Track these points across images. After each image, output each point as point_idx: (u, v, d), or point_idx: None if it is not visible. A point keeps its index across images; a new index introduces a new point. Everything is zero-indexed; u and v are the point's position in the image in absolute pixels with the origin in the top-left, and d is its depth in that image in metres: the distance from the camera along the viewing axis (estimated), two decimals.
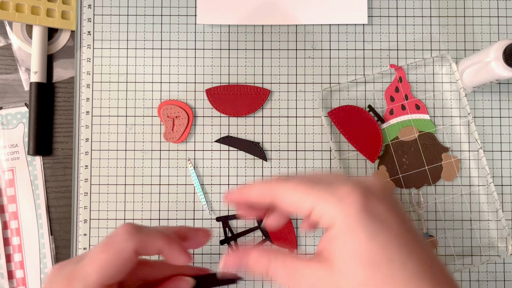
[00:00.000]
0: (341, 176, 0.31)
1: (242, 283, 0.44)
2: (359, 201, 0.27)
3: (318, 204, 0.28)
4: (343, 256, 0.27)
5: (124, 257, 0.30)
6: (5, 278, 0.45)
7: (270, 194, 0.30)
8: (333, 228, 0.27)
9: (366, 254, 0.26)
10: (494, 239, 0.45)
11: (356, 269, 0.26)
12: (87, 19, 0.46)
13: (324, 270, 0.28)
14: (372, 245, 0.26)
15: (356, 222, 0.27)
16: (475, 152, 0.45)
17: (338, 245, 0.27)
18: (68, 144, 0.46)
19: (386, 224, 0.27)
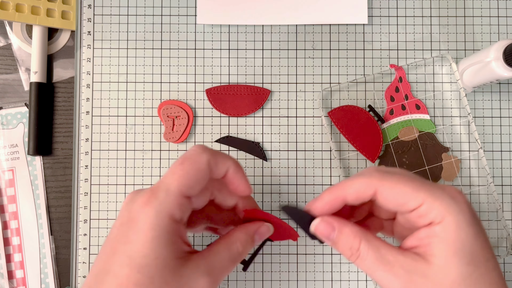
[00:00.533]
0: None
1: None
2: (467, 202, 0.29)
3: (428, 200, 0.29)
4: (449, 252, 0.28)
5: (200, 167, 0.31)
6: (5, 278, 0.45)
7: (373, 189, 0.30)
8: (439, 225, 0.28)
9: (470, 251, 0.28)
10: (494, 239, 0.45)
11: (460, 265, 0.28)
12: (87, 19, 0.46)
13: (422, 261, 0.29)
14: (475, 244, 0.28)
15: (466, 221, 0.28)
16: (475, 152, 0.45)
17: (444, 240, 0.28)
18: (68, 144, 0.46)
19: (482, 227, 0.30)
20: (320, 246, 0.44)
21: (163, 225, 0.30)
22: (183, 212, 0.30)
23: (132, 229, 0.30)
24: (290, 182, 0.45)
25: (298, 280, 0.44)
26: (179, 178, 0.30)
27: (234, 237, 0.33)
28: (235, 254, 0.32)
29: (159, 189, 0.30)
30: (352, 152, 0.45)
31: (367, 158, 0.45)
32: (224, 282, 0.44)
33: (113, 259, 0.30)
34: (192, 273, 0.30)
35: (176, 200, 0.30)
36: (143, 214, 0.30)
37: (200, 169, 0.31)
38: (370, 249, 0.30)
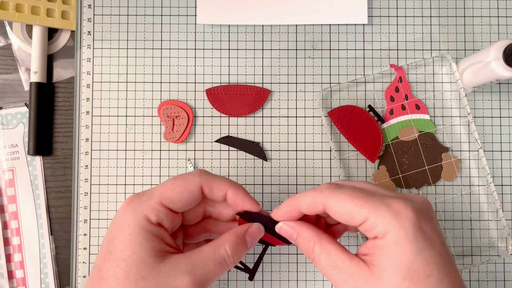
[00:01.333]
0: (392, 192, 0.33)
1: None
2: (412, 218, 0.30)
3: (372, 216, 0.30)
4: (387, 265, 0.30)
5: (188, 188, 0.33)
6: (5, 278, 0.45)
7: (322, 203, 0.32)
8: (383, 238, 0.30)
9: (408, 267, 0.29)
10: (494, 239, 0.45)
11: (396, 279, 0.29)
12: (87, 19, 0.46)
13: (366, 271, 0.30)
14: (416, 259, 0.29)
15: (407, 237, 0.29)
16: (475, 152, 0.45)
17: (384, 254, 0.30)
18: (68, 144, 0.46)
19: (431, 242, 0.30)
20: None
21: (140, 224, 0.32)
22: (159, 218, 0.32)
23: (114, 227, 0.32)
24: (290, 182, 0.45)
25: (298, 280, 0.44)
26: (164, 190, 0.33)
27: (223, 240, 0.34)
28: (222, 257, 0.33)
29: (145, 193, 0.33)
30: (352, 152, 0.45)
31: (367, 158, 0.45)
32: (224, 282, 0.44)
33: (100, 256, 0.32)
34: (171, 270, 0.31)
35: (154, 206, 0.32)
36: (123, 214, 0.32)
37: (188, 190, 0.33)
38: (322, 252, 0.32)
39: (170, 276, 0.31)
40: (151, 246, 0.31)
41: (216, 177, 0.34)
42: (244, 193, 0.35)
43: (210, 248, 0.33)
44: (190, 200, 0.33)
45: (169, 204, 0.33)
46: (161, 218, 0.32)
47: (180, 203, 0.33)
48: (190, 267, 0.32)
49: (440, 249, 0.30)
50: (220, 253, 0.33)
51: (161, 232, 0.32)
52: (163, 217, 0.32)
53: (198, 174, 0.34)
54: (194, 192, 0.33)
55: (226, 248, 0.33)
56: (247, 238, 0.34)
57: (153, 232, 0.32)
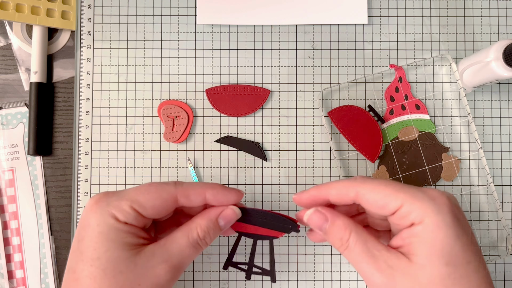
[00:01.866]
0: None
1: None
2: (449, 203, 0.30)
3: (408, 202, 0.30)
4: (428, 250, 0.29)
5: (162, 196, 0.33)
6: (5, 278, 0.45)
7: (355, 191, 0.32)
8: (420, 224, 0.29)
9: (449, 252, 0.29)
10: (494, 239, 0.45)
11: (439, 265, 0.29)
12: (87, 19, 0.46)
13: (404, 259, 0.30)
14: (455, 245, 0.29)
15: (445, 222, 0.29)
16: (475, 152, 0.45)
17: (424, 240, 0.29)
18: (68, 144, 0.46)
19: (466, 230, 0.30)
20: (320, 245, 0.44)
21: (108, 222, 0.31)
22: (127, 219, 0.32)
23: (82, 226, 0.32)
24: (290, 182, 0.45)
25: (298, 280, 0.44)
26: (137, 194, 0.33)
27: (194, 223, 0.34)
28: (194, 240, 0.33)
29: (116, 193, 0.33)
30: (352, 152, 0.45)
31: (367, 158, 0.45)
32: (224, 282, 0.44)
33: (71, 257, 0.32)
34: (147, 261, 0.31)
35: (123, 207, 0.32)
36: (91, 213, 0.32)
37: (162, 198, 0.33)
38: (358, 241, 0.31)
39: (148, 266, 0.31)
40: (124, 242, 0.31)
41: (191, 185, 0.34)
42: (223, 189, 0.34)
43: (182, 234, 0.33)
44: (162, 208, 0.33)
45: (139, 209, 0.32)
46: (129, 219, 0.32)
47: (151, 210, 0.33)
48: (166, 255, 0.32)
49: (473, 238, 0.30)
50: (193, 237, 0.33)
51: (131, 228, 0.32)
52: (132, 219, 0.32)
53: (173, 185, 0.33)
54: (168, 201, 0.33)
55: (198, 232, 0.33)
56: (219, 221, 0.34)
57: (123, 229, 0.32)
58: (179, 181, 0.34)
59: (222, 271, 0.44)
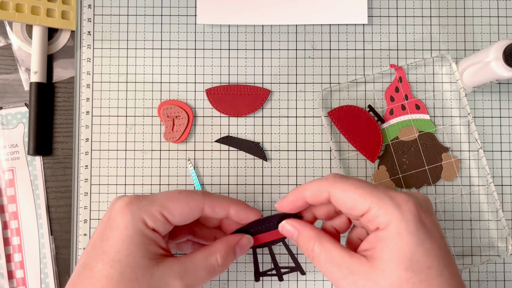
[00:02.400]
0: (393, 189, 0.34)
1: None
2: (414, 210, 0.31)
3: (375, 206, 0.31)
4: (389, 256, 0.30)
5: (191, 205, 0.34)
6: (5, 278, 0.45)
7: (327, 191, 0.33)
8: (384, 230, 0.31)
9: (410, 258, 0.30)
10: (494, 239, 0.45)
11: (398, 269, 0.30)
12: (87, 19, 0.46)
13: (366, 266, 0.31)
14: (417, 251, 0.30)
15: (408, 228, 0.30)
16: (475, 152, 0.45)
17: (387, 245, 0.30)
18: (68, 144, 0.46)
19: (431, 235, 0.31)
20: None
21: (137, 226, 0.32)
22: (156, 225, 0.33)
23: (110, 226, 0.32)
24: (290, 182, 0.45)
25: (298, 280, 0.44)
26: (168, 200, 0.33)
27: (214, 249, 0.35)
28: (212, 265, 0.34)
29: (146, 198, 0.33)
30: (352, 152, 0.45)
31: (367, 158, 0.45)
32: (224, 282, 0.44)
33: (91, 254, 0.32)
34: (164, 274, 0.32)
35: (154, 213, 0.33)
36: (121, 214, 0.32)
37: (190, 207, 0.34)
38: (322, 251, 0.33)
39: (163, 279, 0.32)
40: (147, 249, 0.32)
41: (218, 197, 0.35)
42: (246, 207, 0.36)
43: (202, 256, 0.34)
44: (189, 217, 0.34)
45: (168, 215, 0.33)
46: (158, 225, 0.33)
47: (178, 217, 0.33)
48: (183, 272, 0.32)
49: (440, 242, 0.31)
50: (212, 261, 0.34)
51: (156, 237, 0.33)
52: (159, 226, 0.33)
53: (201, 195, 0.35)
54: (195, 211, 0.34)
55: (217, 258, 0.34)
56: (237, 249, 0.35)
57: (149, 236, 0.32)
58: (207, 191, 0.36)
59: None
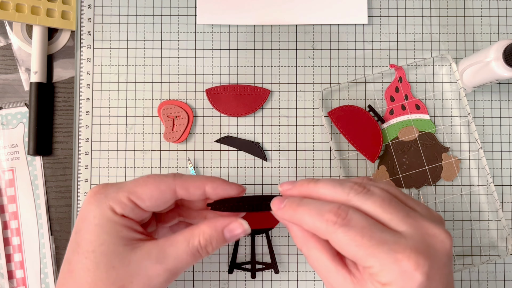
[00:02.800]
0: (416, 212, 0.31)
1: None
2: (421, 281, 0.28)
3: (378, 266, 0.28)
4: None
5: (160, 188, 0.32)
6: (5, 278, 0.45)
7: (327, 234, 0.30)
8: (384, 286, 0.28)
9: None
10: (494, 239, 0.45)
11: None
12: (87, 19, 0.46)
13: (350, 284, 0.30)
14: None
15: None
16: (475, 152, 0.45)
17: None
18: (68, 144, 0.46)
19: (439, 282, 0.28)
20: None
21: (106, 215, 0.31)
22: (124, 211, 0.31)
23: (81, 218, 0.32)
24: None
25: (298, 280, 0.44)
26: (135, 185, 0.32)
27: (198, 230, 0.32)
28: (194, 247, 0.32)
29: (114, 185, 0.32)
30: (352, 152, 0.45)
31: (367, 158, 0.45)
32: (224, 282, 0.44)
33: (69, 248, 0.32)
34: (142, 259, 0.31)
35: (121, 199, 0.31)
36: (89, 204, 0.32)
37: (160, 189, 0.32)
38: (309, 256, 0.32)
39: (141, 265, 0.31)
40: (119, 236, 0.31)
41: (191, 177, 0.33)
42: (223, 182, 0.33)
43: (183, 238, 0.32)
44: (160, 200, 0.32)
45: (137, 200, 0.31)
46: (127, 212, 0.31)
47: (148, 202, 0.32)
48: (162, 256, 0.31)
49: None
50: (194, 244, 0.32)
51: (128, 222, 0.32)
52: (128, 211, 0.31)
53: (172, 177, 0.33)
54: (166, 193, 0.32)
55: (200, 240, 0.32)
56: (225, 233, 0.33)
57: (120, 222, 0.31)
58: (179, 173, 0.34)
59: (222, 271, 0.44)
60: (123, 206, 0.31)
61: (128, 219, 0.32)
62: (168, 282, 0.32)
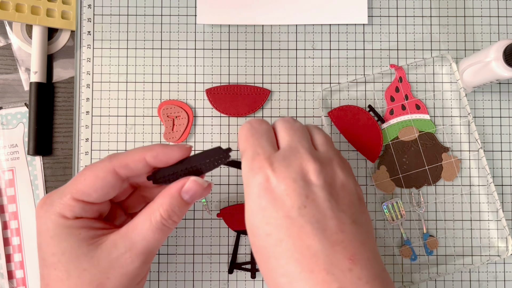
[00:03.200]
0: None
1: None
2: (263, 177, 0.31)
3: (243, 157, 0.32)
4: None
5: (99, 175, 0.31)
6: (5, 278, 0.45)
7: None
8: None
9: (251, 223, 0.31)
10: (494, 239, 0.45)
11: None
12: (87, 19, 0.46)
13: None
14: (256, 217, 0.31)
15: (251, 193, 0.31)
16: (475, 152, 0.45)
17: None
18: (68, 144, 0.46)
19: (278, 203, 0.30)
20: None
21: (58, 223, 0.30)
22: (75, 213, 0.31)
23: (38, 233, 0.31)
24: None
25: None
26: (75, 184, 0.31)
27: (156, 204, 0.31)
28: (158, 222, 0.31)
29: (56, 192, 0.31)
30: (352, 152, 0.45)
31: (367, 158, 0.45)
32: (224, 282, 0.44)
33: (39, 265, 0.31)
34: (110, 253, 0.30)
35: (67, 202, 0.30)
36: (39, 218, 0.31)
37: (100, 177, 0.31)
38: None
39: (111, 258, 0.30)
40: (79, 239, 0.30)
41: (127, 153, 0.32)
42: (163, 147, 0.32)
43: (144, 217, 0.31)
44: (106, 188, 0.31)
45: (83, 197, 0.31)
46: (78, 212, 0.31)
47: (95, 194, 0.31)
48: (129, 243, 0.30)
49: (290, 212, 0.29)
50: (156, 219, 0.31)
51: (84, 222, 0.31)
52: (79, 211, 0.31)
53: (107, 159, 0.31)
54: (107, 178, 0.31)
55: (161, 213, 0.31)
56: (183, 196, 0.31)
57: (75, 225, 0.30)
58: (114, 153, 0.32)
59: (222, 271, 0.44)
60: (72, 208, 0.30)
61: (83, 219, 0.31)
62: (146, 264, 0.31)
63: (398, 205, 0.44)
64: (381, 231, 0.44)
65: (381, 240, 0.44)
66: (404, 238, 0.44)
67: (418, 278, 0.44)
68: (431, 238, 0.44)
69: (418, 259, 0.44)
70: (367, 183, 0.45)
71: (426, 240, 0.44)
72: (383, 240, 0.44)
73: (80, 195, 0.31)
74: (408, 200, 0.45)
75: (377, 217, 0.44)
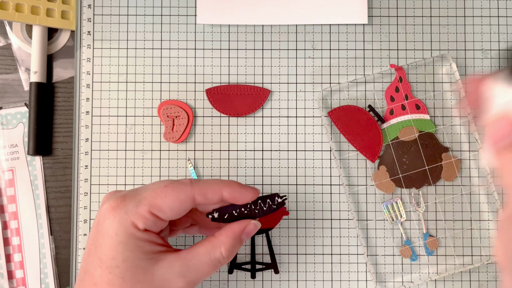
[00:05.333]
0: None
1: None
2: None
3: None
4: None
5: (180, 197, 0.32)
6: (5, 278, 0.45)
7: None
8: None
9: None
10: (494, 239, 0.45)
11: None
12: (87, 19, 0.46)
13: None
14: None
15: None
16: (475, 152, 0.45)
17: None
18: (68, 144, 0.46)
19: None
20: (320, 246, 0.44)
21: (128, 231, 0.31)
22: (147, 225, 0.31)
23: (100, 233, 0.32)
24: (290, 182, 0.45)
25: (298, 280, 0.44)
26: (154, 197, 0.32)
27: (219, 241, 0.33)
28: (217, 259, 0.32)
29: (132, 198, 0.32)
30: (352, 152, 0.45)
31: (367, 158, 0.45)
32: (224, 282, 0.44)
33: (89, 261, 0.32)
34: (166, 273, 0.31)
35: (142, 214, 0.31)
36: (108, 220, 0.31)
37: (180, 199, 0.32)
38: None
39: (165, 278, 0.31)
40: (143, 251, 0.31)
41: (208, 182, 0.33)
42: (240, 187, 0.33)
43: (205, 250, 0.32)
44: (181, 210, 0.32)
45: (159, 212, 0.32)
46: (149, 225, 0.32)
47: (170, 213, 0.32)
48: (185, 269, 0.31)
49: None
50: (216, 256, 0.32)
51: (150, 236, 0.32)
52: (151, 225, 0.32)
53: (190, 184, 0.32)
54: (186, 203, 0.32)
55: (222, 251, 0.33)
56: (243, 237, 0.34)
57: (142, 237, 0.31)
58: (195, 179, 0.34)
59: (222, 271, 0.44)
60: (145, 220, 0.31)
61: (150, 233, 0.32)
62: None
63: (398, 205, 0.44)
64: (381, 231, 0.44)
65: (381, 240, 0.44)
66: (404, 238, 0.44)
67: (418, 278, 0.44)
68: (431, 238, 0.44)
69: (418, 259, 0.44)
70: (367, 183, 0.45)
71: (426, 240, 0.44)
72: (383, 240, 0.44)
73: (157, 210, 0.31)
74: (408, 200, 0.45)
75: (377, 217, 0.45)
